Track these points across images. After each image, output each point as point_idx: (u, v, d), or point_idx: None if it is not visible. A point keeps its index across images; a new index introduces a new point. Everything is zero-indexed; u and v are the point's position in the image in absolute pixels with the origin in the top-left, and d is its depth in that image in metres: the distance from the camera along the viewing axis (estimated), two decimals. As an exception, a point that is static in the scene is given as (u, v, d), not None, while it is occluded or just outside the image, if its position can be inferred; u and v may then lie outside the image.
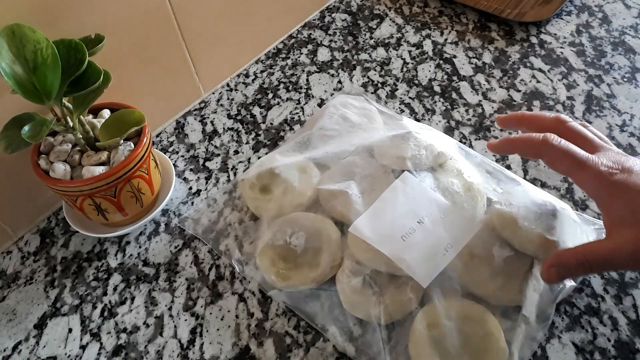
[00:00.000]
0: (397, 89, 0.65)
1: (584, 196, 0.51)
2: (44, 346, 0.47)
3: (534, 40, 0.69)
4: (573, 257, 0.37)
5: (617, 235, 0.36)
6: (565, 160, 0.38)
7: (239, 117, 0.64)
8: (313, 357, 0.43)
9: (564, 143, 0.39)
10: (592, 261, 0.37)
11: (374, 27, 0.74)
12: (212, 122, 0.64)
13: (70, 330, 0.47)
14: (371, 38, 0.73)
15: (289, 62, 0.71)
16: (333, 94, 0.65)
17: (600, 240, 0.38)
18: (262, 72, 0.70)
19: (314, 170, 0.52)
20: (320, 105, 0.64)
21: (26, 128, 0.41)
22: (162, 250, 0.52)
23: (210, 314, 0.47)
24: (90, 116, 0.51)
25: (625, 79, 0.62)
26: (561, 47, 0.67)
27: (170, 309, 0.48)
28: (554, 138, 0.39)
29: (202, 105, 0.66)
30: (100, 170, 0.46)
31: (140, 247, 0.52)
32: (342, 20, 0.76)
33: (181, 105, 0.66)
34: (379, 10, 0.77)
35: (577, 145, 0.39)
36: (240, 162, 0.59)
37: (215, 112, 0.65)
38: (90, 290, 0.50)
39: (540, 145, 0.39)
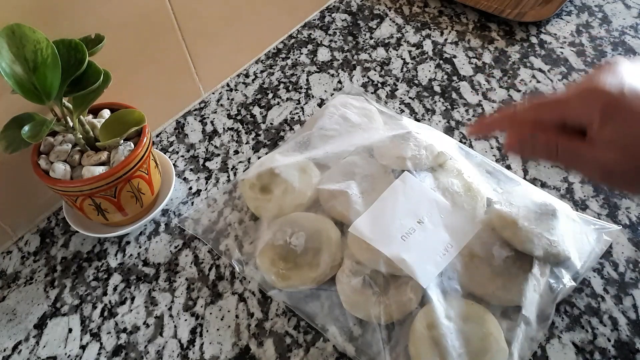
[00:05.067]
0: (397, 89, 0.65)
1: (584, 196, 0.51)
2: (44, 346, 0.47)
3: (534, 40, 0.69)
4: (547, 140, 0.36)
5: (601, 145, 0.34)
6: (543, 109, 0.36)
7: (239, 117, 0.64)
8: (313, 357, 0.43)
9: (531, 100, 0.37)
10: (565, 155, 0.35)
11: (374, 27, 0.74)
12: (212, 122, 0.64)
13: (70, 330, 0.47)
14: (371, 38, 0.73)
15: (289, 62, 0.71)
16: (333, 94, 0.65)
17: (583, 141, 0.35)
18: (262, 72, 0.70)
19: (314, 170, 0.52)
20: (320, 105, 0.64)
21: (26, 128, 0.41)
22: (162, 250, 0.52)
23: (210, 314, 0.47)
24: (90, 116, 0.51)
25: (625, 79, 0.62)
26: (561, 47, 0.67)
27: (170, 309, 0.48)
28: (522, 103, 0.38)
29: (202, 105, 0.66)
30: (100, 170, 0.46)
31: (140, 247, 0.52)
32: (342, 20, 0.76)
33: (181, 105, 0.66)
34: (379, 10, 0.77)
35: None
36: (240, 162, 0.59)
37: (215, 112, 0.65)
38: (90, 290, 0.50)
39: (513, 112, 0.38)
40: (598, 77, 0.34)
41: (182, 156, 0.61)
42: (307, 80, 0.68)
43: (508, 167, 0.54)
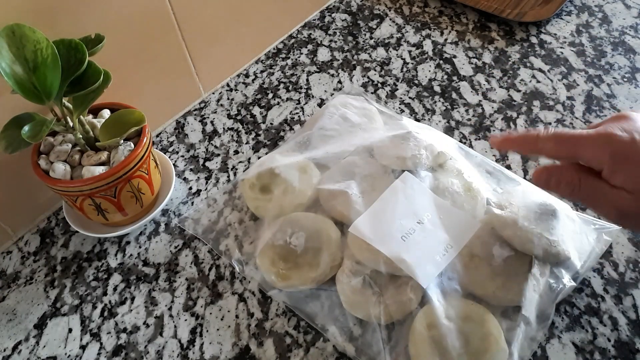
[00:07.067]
0: (397, 89, 0.65)
1: (584, 196, 0.51)
2: (44, 346, 0.47)
3: (534, 40, 0.69)
4: (571, 176, 0.37)
5: (613, 189, 0.36)
6: (560, 144, 0.38)
7: (239, 117, 0.64)
8: (313, 357, 0.43)
9: (553, 131, 0.38)
10: (585, 193, 0.37)
11: (374, 27, 0.74)
12: (212, 122, 0.64)
13: (70, 330, 0.47)
14: (371, 38, 0.73)
15: (289, 62, 0.71)
16: (333, 94, 0.65)
17: (603, 181, 0.36)
18: (262, 72, 0.70)
19: (314, 170, 0.52)
20: (320, 105, 0.64)
21: (26, 128, 0.41)
22: (162, 250, 0.52)
23: (210, 314, 0.47)
24: (90, 116, 0.51)
25: (625, 79, 0.62)
26: (561, 47, 0.67)
27: (170, 309, 0.48)
28: (545, 131, 0.39)
29: (202, 105, 0.66)
30: (100, 170, 0.46)
31: (140, 247, 0.52)
32: (342, 20, 0.76)
33: (181, 105, 0.66)
34: (379, 10, 0.77)
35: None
36: (240, 162, 0.59)
37: (215, 112, 0.65)
38: (90, 290, 0.50)
39: (536, 139, 0.39)
40: (612, 124, 0.36)
41: (182, 156, 0.61)
42: (307, 80, 0.68)
43: (508, 167, 0.54)
